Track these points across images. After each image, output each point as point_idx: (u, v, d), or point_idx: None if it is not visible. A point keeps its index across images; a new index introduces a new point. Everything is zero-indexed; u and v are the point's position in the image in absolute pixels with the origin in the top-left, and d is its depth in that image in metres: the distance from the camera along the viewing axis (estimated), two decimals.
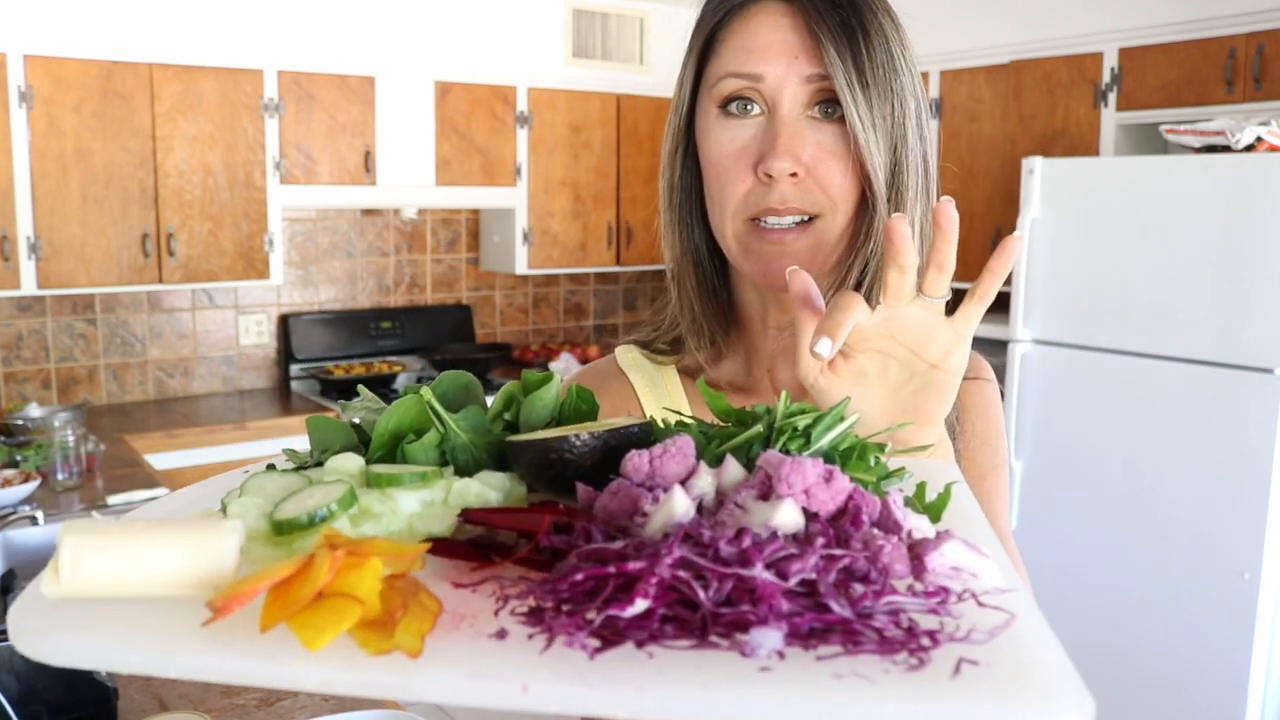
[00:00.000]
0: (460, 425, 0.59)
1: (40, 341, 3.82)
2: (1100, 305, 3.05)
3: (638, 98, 4.66)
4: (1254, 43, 3.13)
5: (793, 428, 0.56)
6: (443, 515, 0.52)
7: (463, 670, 0.38)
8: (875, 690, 0.36)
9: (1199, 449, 2.84)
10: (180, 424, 3.66)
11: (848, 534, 0.45)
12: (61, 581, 0.44)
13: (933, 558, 0.45)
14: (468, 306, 4.70)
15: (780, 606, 0.40)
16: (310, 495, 0.51)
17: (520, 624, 0.41)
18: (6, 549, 2.40)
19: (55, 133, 3.43)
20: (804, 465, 0.48)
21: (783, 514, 0.45)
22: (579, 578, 0.42)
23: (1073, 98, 3.59)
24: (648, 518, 0.47)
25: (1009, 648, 0.40)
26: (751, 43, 0.78)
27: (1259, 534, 2.72)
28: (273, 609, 0.40)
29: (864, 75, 0.76)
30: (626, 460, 0.52)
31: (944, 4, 3.89)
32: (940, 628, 0.41)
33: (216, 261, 3.77)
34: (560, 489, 0.56)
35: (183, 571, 0.44)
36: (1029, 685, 0.37)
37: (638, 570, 0.41)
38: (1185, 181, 2.84)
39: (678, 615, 0.40)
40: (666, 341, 0.93)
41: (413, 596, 0.42)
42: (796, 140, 0.77)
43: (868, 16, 0.77)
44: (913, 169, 0.79)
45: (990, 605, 0.43)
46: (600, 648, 0.39)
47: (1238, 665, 2.76)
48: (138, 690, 1.60)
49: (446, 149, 4.18)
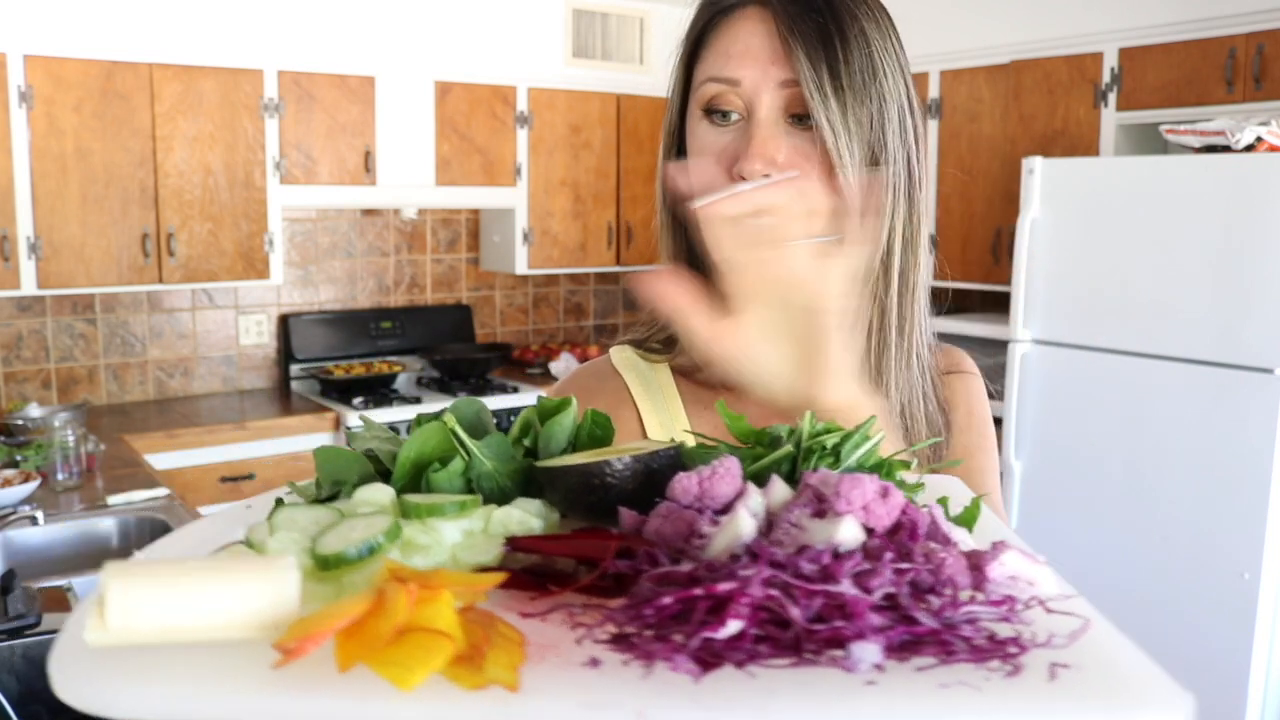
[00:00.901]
0: (485, 452, 0.58)
1: (40, 341, 3.82)
2: (1100, 305, 3.05)
3: (638, 98, 4.66)
4: (1254, 43, 3.13)
5: (821, 446, 0.56)
6: (485, 545, 0.51)
7: (572, 700, 0.37)
8: (983, 699, 0.37)
9: (1199, 449, 2.84)
10: (180, 424, 3.66)
11: (908, 548, 0.46)
12: (109, 628, 0.41)
13: (993, 568, 0.46)
14: (468, 306, 4.70)
15: (872, 621, 0.40)
16: (351, 528, 0.49)
17: (611, 651, 0.40)
18: (6, 549, 2.40)
19: (55, 133, 3.43)
20: (863, 482, 0.48)
21: (845, 530, 0.46)
22: (667, 601, 0.41)
23: (1073, 98, 3.59)
24: (706, 539, 0.47)
25: (1093, 651, 0.41)
26: (731, 48, 0.80)
27: (1259, 534, 2.72)
28: (348, 647, 0.38)
29: (838, 80, 0.76)
30: (675, 483, 0.52)
31: (944, 4, 3.89)
32: (1019, 635, 0.41)
33: (216, 261, 3.77)
34: (599, 514, 0.55)
35: (242, 613, 0.41)
36: (1126, 687, 0.38)
37: (728, 591, 0.40)
38: (1185, 181, 2.84)
39: (769, 634, 0.40)
40: (660, 340, 0.94)
41: (491, 628, 0.41)
42: (771, 144, 0.78)
43: (847, 21, 0.78)
44: (892, 174, 0.80)
45: (1059, 611, 0.44)
46: (703, 671, 0.38)
47: (1238, 665, 2.76)
48: None
49: (446, 149, 4.18)
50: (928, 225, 0.85)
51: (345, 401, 3.99)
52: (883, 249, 0.81)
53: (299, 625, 0.40)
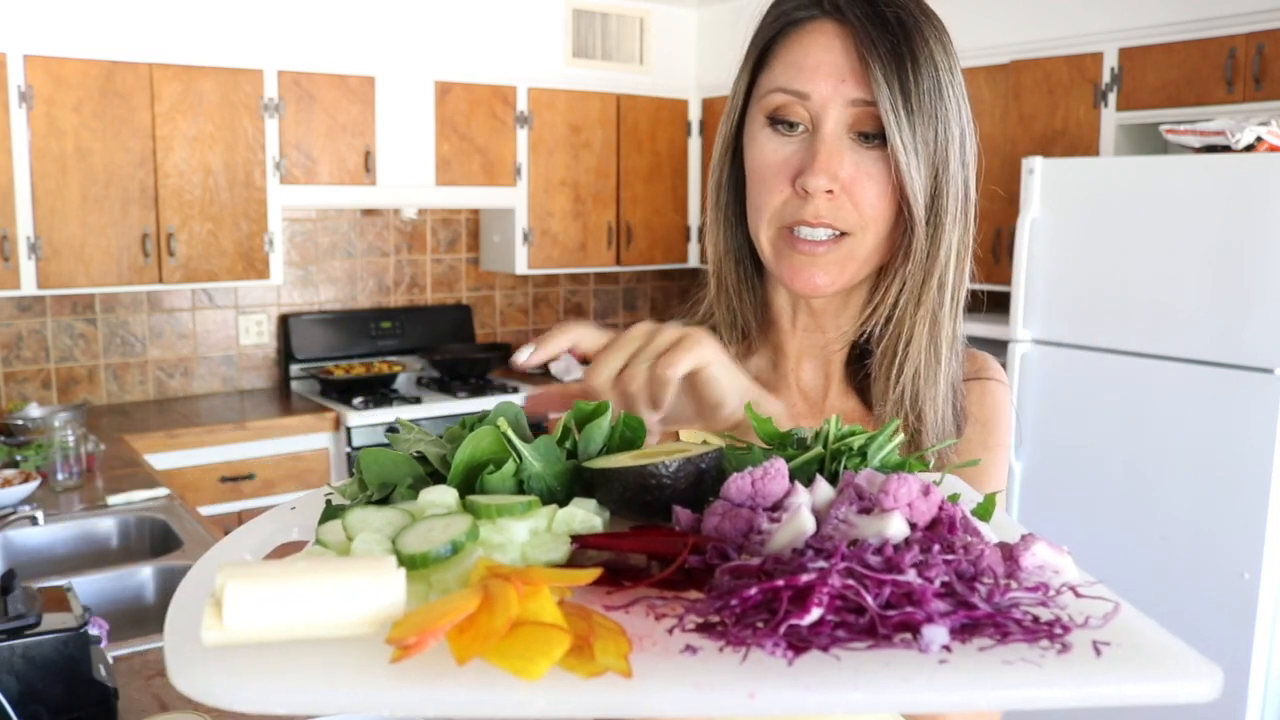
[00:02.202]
0: (534, 455, 0.60)
1: (40, 341, 3.82)
2: (1100, 305, 3.05)
3: (638, 98, 4.66)
4: (1254, 43, 3.13)
5: (849, 448, 0.61)
6: (551, 543, 0.53)
7: (686, 683, 0.40)
8: (1044, 673, 0.41)
9: (1199, 449, 2.84)
10: (180, 424, 3.66)
11: (950, 540, 0.50)
12: (226, 627, 0.43)
13: (1025, 557, 0.50)
14: (468, 306, 4.70)
15: (938, 607, 0.44)
16: (430, 528, 0.51)
17: (703, 639, 0.44)
18: (6, 549, 2.40)
19: (55, 133, 3.43)
20: (908, 481, 0.52)
21: (894, 525, 0.50)
22: (752, 592, 0.45)
23: (1073, 98, 3.59)
24: (765, 535, 0.51)
25: (1126, 631, 0.45)
26: (803, 60, 0.80)
27: (1259, 534, 2.72)
28: (463, 641, 0.40)
29: (909, 101, 0.78)
30: (730, 482, 0.55)
31: (944, 4, 3.87)
32: (1059, 617, 0.45)
33: (216, 261, 3.77)
34: (652, 512, 0.58)
35: (351, 611, 0.43)
36: (1163, 661, 0.43)
37: (810, 582, 0.44)
38: (1185, 181, 2.84)
39: (844, 620, 0.44)
40: None
41: (590, 620, 0.43)
42: (835, 159, 0.79)
43: (918, 43, 0.79)
44: (953, 194, 0.82)
45: (1089, 595, 0.48)
46: (795, 654, 0.42)
47: (1238, 665, 2.76)
48: (138, 690, 1.60)
49: (446, 149, 4.18)
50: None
51: (345, 401, 3.99)
52: (941, 266, 0.84)
53: (406, 622, 0.42)
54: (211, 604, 0.44)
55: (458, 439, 0.62)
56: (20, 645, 1.39)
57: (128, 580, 2.18)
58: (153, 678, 1.65)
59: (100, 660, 1.52)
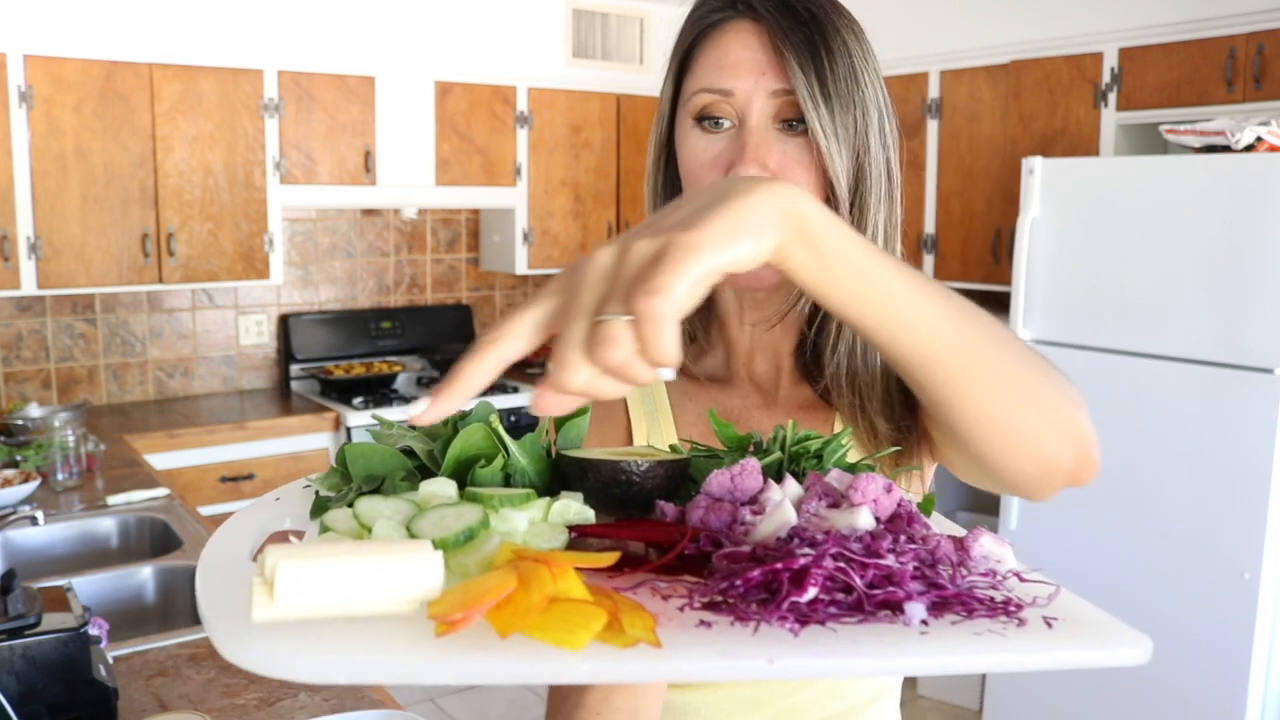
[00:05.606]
0: (519, 451, 0.64)
1: (40, 341, 3.82)
2: (1100, 305, 3.05)
3: (638, 98, 4.66)
4: (1254, 43, 3.13)
5: (807, 451, 0.68)
6: (549, 532, 0.57)
7: (711, 651, 0.45)
8: (1010, 643, 0.48)
9: (1199, 449, 2.84)
10: (180, 424, 3.66)
11: (910, 532, 0.56)
12: (276, 605, 0.46)
13: (974, 548, 0.57)
14: (468, 306, 4.70)
15: (915, 586, 0.50)
16: (443, 516, 0.55)
17: (713, 615, 0.49)
18: (6, 549, 2.40)
19: (55, 133, 3.43)
20: (874, 479, 0.59)
21: (863, 518, 0.56)
22: (755, 574, 0.50)
23: (1073, 98, 3.59)
24: (749, 526, 0.56)
25: (1068, 609, 0.52)
26: (723, 60, 0.83)
27: (1259, 534, 2.72)
28: (503, 617, 0.44)
29: (825, 87, 0.81)
30: (710, 479, 0.61)
31: (944, 4, 3.89)
32: (1010, 598, 0.52)
33: (216, 261, 3.77)
34: (617, 506, 0.62)
35: (394, 590, 0.47)
36: (1104, 633, 0.50)
37: (806, 565, 0.50)
38: (1185, 181, 2.84)
39: (834, 599, 0.50)
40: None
41: (613, 598, 0.47)
42: (764, 149, 0.82)
43: (831, 33, 0.82)
44: (875, 175, 0.85)
45: (1031, 580, 0.56)
46: (800, 627, 0.48)
47: (1238, 665, 2.76)
48: (138, 690, 1.60)
49: (446, 149, 4.18)
50: (900, 224, 0.89)
51: (345, 401, 3.99)
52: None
53: (446, 599, 0.45)
54: (261, 583, 0.46)
55: (440, 435, 0.66)
56: (20, 645, 1.39)
57: (128, 580, 2.18)
58: (153, 678, 1.65)
59: (100, 660, 1.52)
